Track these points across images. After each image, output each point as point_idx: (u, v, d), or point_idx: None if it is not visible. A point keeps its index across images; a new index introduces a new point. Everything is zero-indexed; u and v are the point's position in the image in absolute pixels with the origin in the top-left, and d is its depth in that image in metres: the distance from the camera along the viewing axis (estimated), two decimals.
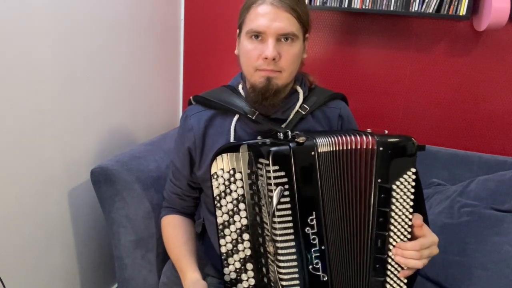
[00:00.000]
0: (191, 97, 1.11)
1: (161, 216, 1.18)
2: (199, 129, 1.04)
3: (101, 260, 1.62)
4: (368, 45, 1.76)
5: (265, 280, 0.93)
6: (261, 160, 0.86)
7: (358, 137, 0.88)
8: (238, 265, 0.96)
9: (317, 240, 0.85)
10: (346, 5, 1.57)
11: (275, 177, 0.83)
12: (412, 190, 0.89)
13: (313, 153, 0.85)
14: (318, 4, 1.59)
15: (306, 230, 0.84)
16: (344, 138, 0.88)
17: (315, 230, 0.85)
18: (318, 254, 0.85)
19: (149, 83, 1.79)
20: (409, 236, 0.89)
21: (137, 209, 1.32)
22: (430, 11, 1.50)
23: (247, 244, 0.95)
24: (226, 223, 0.95)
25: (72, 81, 1.33)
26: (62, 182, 1.36)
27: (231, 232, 0.95)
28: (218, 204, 0.95)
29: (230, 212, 0.95)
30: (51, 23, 1.21)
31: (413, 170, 0.88)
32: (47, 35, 1.21)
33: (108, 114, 1.54)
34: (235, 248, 0.95)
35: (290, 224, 0.84)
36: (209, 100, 1.04)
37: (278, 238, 0.84)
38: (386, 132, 0.94)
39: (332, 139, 0.87)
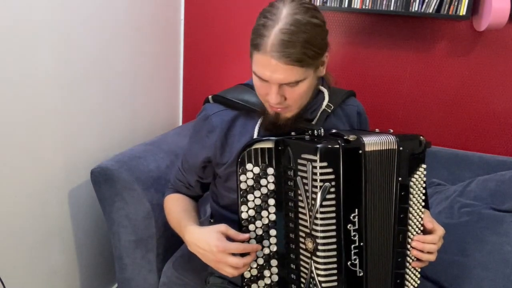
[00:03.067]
0: (209, 96, 1.06)
1: (165, 195, 1.16)
2: (222, 129, 1.01)
3: (101, 260, 1.62)
4: (368, 45, 1.76)
5: (293, 276, 0.93)
6: (304, 156, 0.85)
7: (389, 137, 0.90)
8: (261, 261, 0.95)
9: (357, 236, 0.86)
10: (346, 5, 1.57)
11: (322, 174, 0.83)
12: (424, 185, 0.95)
13: (360, 151, 0.86)
14: (318, 4, 1.59)
15: (348, 226, 0.85)
16: (386, 138, 0.89)
17: (356, 227, 0.86)
18: (357, 250, 0.86)
19: (149, 83, 1.79)
20: (422, 228, 0.95)
21: (137, 209, 1.32)
22: (430, 11, 1.50)
23: (273, 240, 0.94)
24: (251, 218, 0.94)
25: (72, 81, 1.33)
26: (62, 182, 1.36)
27: (256, 227, 0.94)
28: (244, 199, 0.94)
29: (257, 208, 0.94)
30: (51, 23, 1.21)
31: (424, 166, 0.94)
32: (47, 36, 1.21)
33: (108, 114, 1.54)
34: (259, 244, 0.94)
35: (333, 221, 0.84)
36: (233, 101, 1.01)
37: (320, 235, 0.84)
38: (391, 131, 0.97)
39: (378, 139, 0.88)
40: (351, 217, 0.86)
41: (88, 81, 1.40)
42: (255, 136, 0.99)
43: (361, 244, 0.87)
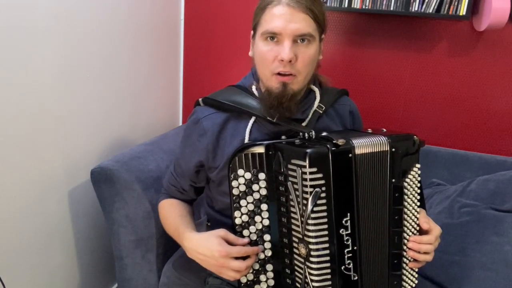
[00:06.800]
0: (199, 99, 1.05)
1: (159, 201, 1.16)
2: (213, 133, 1.00)
3: (101, 260, 1.62)
4: (368, 45, 1.76)
5: (288, 281, 0.92)
6: (294, 161, 0.84)
7: (381, 139, 0.89)
8: (256, 266, 0.94)
9: (350, 241, 0.86)
10: (346, 5, 1.57)
11: (311, 179, 0.82)
12: (419, 185, 0.94)
13: (350, 155, 0.85)
14: None
15: (340, 231, 0.85)
16: (377, 139, 0.88)
17: (349, 231, 0.85)
18: (351, 254, 0.86)
19: (149, 83, 1.79)
20: (417, 229, 0.94)
21: (137, 209, 1.32)
22: (430, 11, 1.50)
23: (268, 245, 0.94)
24: (245, 224, 0.94)
25: (72, 81, 1.33)
26: (62, 182, 1.36)
27: (251, 233, 0.94)
28: (237, 205, 0.93)
29: (250, 213, 0.93)
30: (52, 24, 1.21)
31: (418, 166, 0.93)
32: (47, 36, 1.21)
33: (108, 114, 1.54)
34: None
35: (325, 226, 0.84)
36: (223, 103, 1.00)
37: (312, 240, 0.83)
38: (384, 130, 0.96)
39: (369, 141, 0.87)
40: (343, 222, 0.85)
41: (88, 81, 1.40)
42: (246, 138, 0.98)
43: (355, 248, 0.86)
